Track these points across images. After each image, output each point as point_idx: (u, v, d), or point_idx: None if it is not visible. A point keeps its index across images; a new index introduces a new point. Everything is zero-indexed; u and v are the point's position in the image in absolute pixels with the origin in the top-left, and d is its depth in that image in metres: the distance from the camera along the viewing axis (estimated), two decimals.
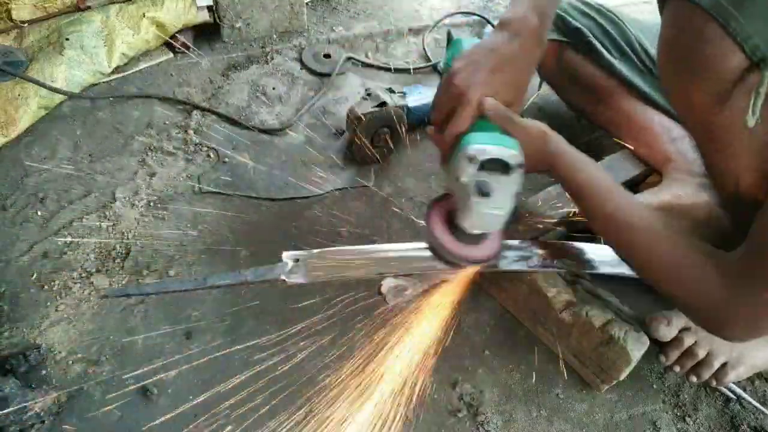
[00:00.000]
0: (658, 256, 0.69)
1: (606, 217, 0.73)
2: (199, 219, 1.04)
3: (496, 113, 0.73)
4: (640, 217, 0.71)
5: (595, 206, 0.74)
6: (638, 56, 1.05)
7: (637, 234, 0.71)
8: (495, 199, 0.66)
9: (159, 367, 0.84)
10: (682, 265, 0.67)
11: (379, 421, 0.77)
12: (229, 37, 1.42)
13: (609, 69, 1.05)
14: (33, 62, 1.18)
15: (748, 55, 0.60)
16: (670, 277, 0.69)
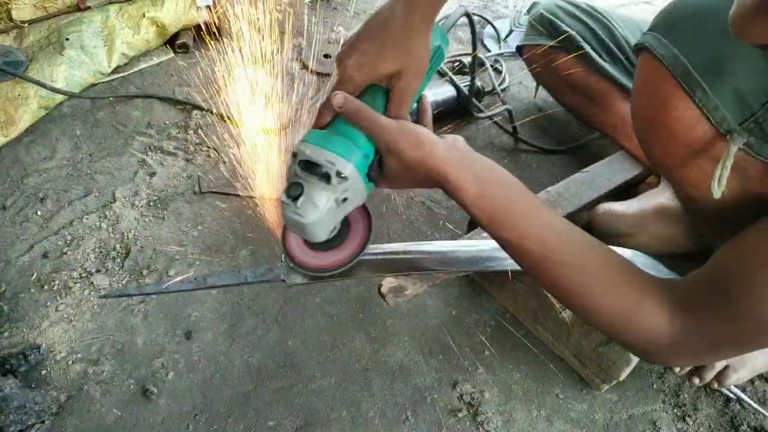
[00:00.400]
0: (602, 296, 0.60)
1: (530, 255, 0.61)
2: (199, 219, 1.04)
3: (346, 110, 0.60)
4: (573, 253, 0.60)
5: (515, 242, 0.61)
6: (627, 57, 1.04)
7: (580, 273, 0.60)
8: (303, 205, 0.59)
9: (159, 367, 0.84)
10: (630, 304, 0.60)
11: None
12: (228, 36, 1.42)
13: (599, 71, 1.05)
14: (33, 62, 1.18)
15: (714, 126, 0.60)
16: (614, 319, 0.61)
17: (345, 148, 0.60)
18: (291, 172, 0.61)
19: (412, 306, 0.94)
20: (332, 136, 0.61)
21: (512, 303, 0.93)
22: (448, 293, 0.96)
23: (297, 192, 0.59)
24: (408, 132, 0.60)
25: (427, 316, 0.93)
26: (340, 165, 0.59)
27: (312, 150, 0.60)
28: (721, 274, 0.58)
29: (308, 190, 0.60)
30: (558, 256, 0.60)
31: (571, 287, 0.61)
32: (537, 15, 1.14)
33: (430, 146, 0.60)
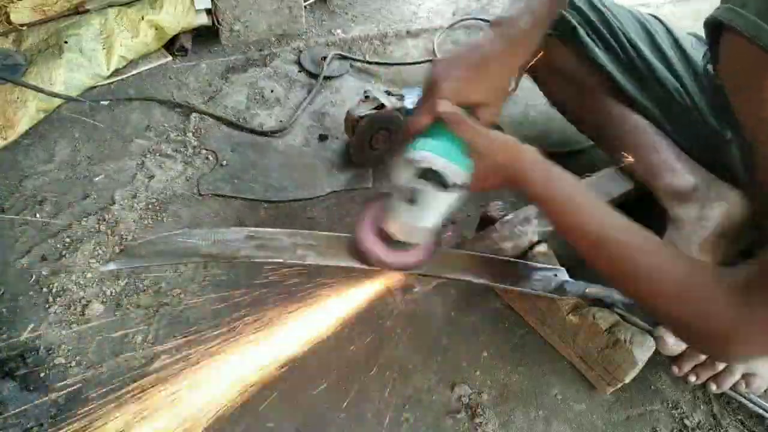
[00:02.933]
0: (655, 280, 0.63)
1: (593, 240, 0.67)
2: (198, 221, 1.04)
3: (451, 119, 0.68)
4: (632, 240, 0.65)
5: (576, 228, 0.67)
6: (624, 50, 1.00)
7: (632, 257, 0.65)
8: (421, 210, 0.63)
9: (157, 368, 0.84)
10: (684, 287, 0.62)
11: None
12: (227, 40, 1.43)
13: (593, 61, 1.00)
14: (32, 65, 1.18)
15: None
16: (671, 301, 0.63)
17: (459, 158, 0.65)
18: (405, 177, 0.64)
19: (411, 307, 0.94)
20: (443, 144, 0.66)
21: (519, 303, 0.94)
22: (447, 294, 0.97)
23: (417, 198, 0.63)
24: (499, 139, 0.70)
25: (425, 317, 0.93)
26: (459, 174, 0.64)
27: (432, 159, 0.63)
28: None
29: (425, 195, 0.63)
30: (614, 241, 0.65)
31: (626, 274, 0.65)
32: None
33: (517, 151, 0.69)
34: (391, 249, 0.71)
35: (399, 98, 1.16)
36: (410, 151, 0.65)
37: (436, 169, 0.63)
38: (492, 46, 0.72)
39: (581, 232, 0.67)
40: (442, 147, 0.65)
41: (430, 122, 0.70)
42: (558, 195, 0.68)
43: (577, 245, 0.70)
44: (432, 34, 1.55)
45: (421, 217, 0.63)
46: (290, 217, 1.07)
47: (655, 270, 0.63)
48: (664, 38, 1.01)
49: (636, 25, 1.02)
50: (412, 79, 1.41)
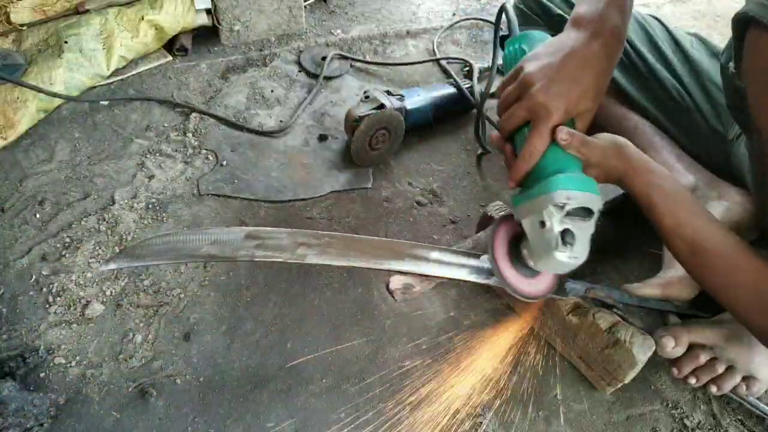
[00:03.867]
0: (738, 284, 0.64)
1: (682, 239, 0.67)
2: (198, 221, 1.04)
3: (574, 143, 0.67)
4: (719, 242, 0.65)
5: (672, 229, 0.68)
6: (624, 51, 0.99)
7: (716, 260, 0.65)
8: (576, 247, 0.64)
9: (157, 369, 0.84)
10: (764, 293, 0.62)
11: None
12: (227, 40, 1.43)
13: None
14: (32, 65, 1.19)
15: None
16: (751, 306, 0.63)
17: (592, 184, 0.66)
18: (554, 222, 0.64)
19: (411, 307, 0.94)
20: (577, 176, 0.66)
21: (519, 303, 0.93)
22: (447, 294, 0.97)
23: (572, 240, 0.63)
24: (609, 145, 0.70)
25: (425, 317, 0.93)
26: (599, 202, 0.65)
27: (579, 196, 0.63)
28: None
29: (578, 233, 0.64)
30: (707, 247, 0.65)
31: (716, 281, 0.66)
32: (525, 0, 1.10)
33: (627, 153, 0.69)
34: (524, 277, 0.73)
35: (399, 98, 1.16)
36: (554, 193, 0.63)
37: (583, 206, 0.64)
38: (588, 49, 0.68)
39: (677, 236, 0.67)
40: (579, 180, 0.65)
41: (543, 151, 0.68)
42: (656, 197, 0.68)
43: (672, 248, 0.69)
44: (432, 34, 1.55)
45: (579, 254, 0.64)
46: (290, 217, 1.07)
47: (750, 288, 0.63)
48: (663, 38, 1.01)
49: (635, 25, 1.02)
50: (412, 79, 1.42)
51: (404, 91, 1.21)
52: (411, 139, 1.22)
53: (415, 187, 1.15)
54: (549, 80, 0.66)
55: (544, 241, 0.65)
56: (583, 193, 0.64)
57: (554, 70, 0.67)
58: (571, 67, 0.67)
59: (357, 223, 1.07)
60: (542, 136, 0.67)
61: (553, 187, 0.64)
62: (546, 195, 0.64)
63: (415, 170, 1.19)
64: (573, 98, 0.67)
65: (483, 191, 1.15)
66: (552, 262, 0.66)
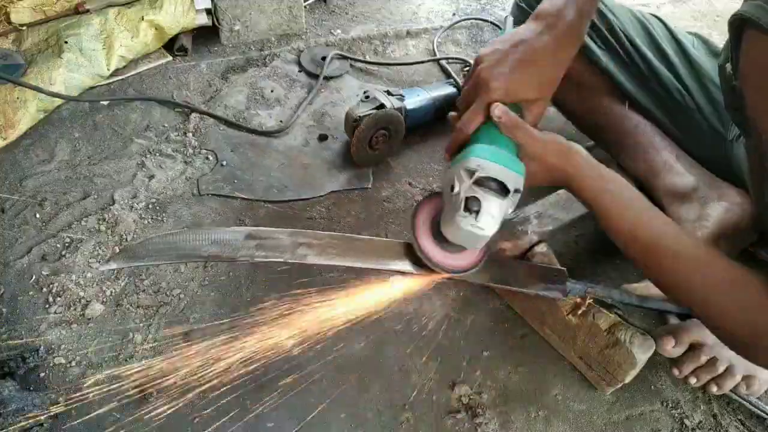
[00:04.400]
0: (708, 293, 0.63)
1: (640, 242, 0.67)
2: (198, 221, 1.04)
3: (508, 123, 0.68)
4: (677, 242, 0.66)
5: (627, 232, 0.68)
6: (624, 49, 0.99)
7: (684, 268, 0.65)
8: (481, 218, 0.63)
9: (157, 369, 0.84)
10: (738, 300, 0.61)
11: None
12: (227, 40, 1.43)
13: (593, 61, 0.99)
14: (32, 65, 1.18)
15: None
16: (711, 306, 0.63)
17: (515, 163, 0.66)
18: (463, 187, 0.64)
19: (412, 307, 0.94)
20: (500, 150, 0.66)
21: (519, 304, 0.94)
22: (447, 295, 0.97)
23: (477, 207, 0.63)
24: (552, 141, 0.70)
25: (425, 317, 0.93)
26: (518, 181, 0.64)
27: (491, 167, 0.64)
28: None
29: (485, 204, 0.63)
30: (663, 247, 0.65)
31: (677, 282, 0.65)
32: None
33: (570, 154, 0.69)
34: (446, 251, 0.71)
35: (399, 98, 1.16)
36: (467, 159, 0.64)
37: (495, 177, 0.63)
38: (540, 40, 0.70)
39: (632, 239, 0.67)
40: (498, 153, 0.65)
41: (480, 124, 0.70)
42: (608, 201, 0.68)
43: (627, 252, 0.69)
44: (432, 34, 1.55)
45: (484, 226, 0.63)
46: (290, 217, 1.07)
47: (708, 283, 0.63)
48: (665, 38, 1.00)
49: (636, 24, 1.01)
50: (412, 79, 1.42)
51: (404, 91, 1.21)
52: (411, 139, 1.22)
53: (415, 187, 1.15)
54: (495, 61, 0.69)
55: (452, 205, 0.65)
56: (499, 166, 0.64)
57: (502, 54, 0.70)
58: (519, 54, 0.69)
59: (357, 223, 1.07)
60: (476, 111, 0.69)
61: (470, 153, 0.65)
62: (461, 160, 0.65)
63: (415, 170, 1.19)
64: (514, 82, 0.68)
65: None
66: (454, 229, 0.65)
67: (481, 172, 0.63)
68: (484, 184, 0.64)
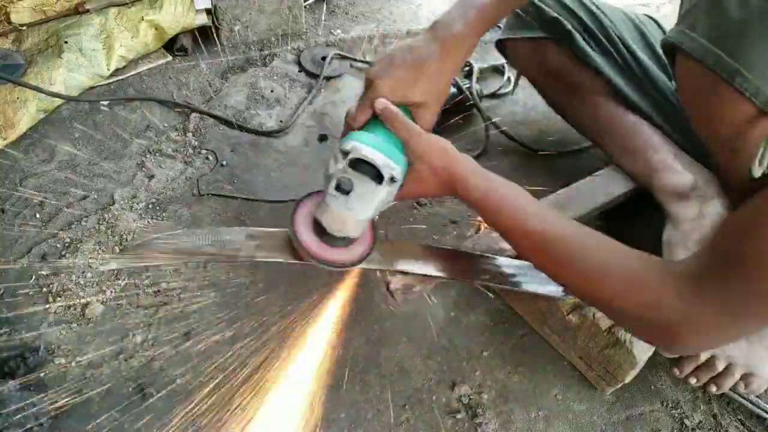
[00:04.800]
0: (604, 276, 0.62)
1: (532, 236, 0.67)
2: (198, 221, 1.04)
3: (387, 114, 0.71)
4: (573, 233, 0.66)
5: (518, 227, 0.68)
6: (618, 52, 1.00)
7: (578, 255, 0.64)
8: (353, 200, 0.62)
9: (158, 369, 0.84)
10: (634, 280, 0.61)
11: None
12: (227, 40, 1.43)
13: (589, 64, 1.00)
14: (32, 65, 1.18)
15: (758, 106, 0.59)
16: (621, 295, 0.61)
17: (396, 154, 0.66)
18: (337, 168, 0.64)
19: (411, 307, 0.94)
20: (380, 139, 0.67)
21: (519, 304, 0.94)
22: (447, 295, 0.97)
23: (348, 187, 0.63)
24: (435, 141, 0.71)
25: (425, 317, 0.93)
26: (395, 170, 0.64)
27: (368, 151, 0.64)
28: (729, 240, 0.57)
29: (359, 187, 0.63)
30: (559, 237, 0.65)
31: (573, 267, 0.65)
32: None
33: (454, 155, 0.71)
34: (328, 245, 0.70)
35: None
36: (345, 141, 0.66)
37: (368, 160, 0.64)
38: (427, 48, 0.75)
39: (523, 234, 0.67)
40: (376, 141, 0.66)
41: (367, 119, 0.73)
42: (497, 199, 0.69)
43: (520, 248, 0.70)
44: None
45: (354, 208, 0.63)
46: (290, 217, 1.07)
47: (602, 266, 0.63)
48: (658, 38, 1.01)
49: (629, 25, 1.03)
50: None
51: None
52: None
53: None
54: (384, 63, 0.74)
55: (327, 190, 0.65)
56: (376, 151, 0.64)
57: (391, 59, 0.74)
58: (406, 58, 0.74)
59: None
60: (364, 105, 0.73)
61: (349, 136, 0.67)
62: (339, 144, 0.67)
63: None
64: (400, 83, 0.73)
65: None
66: (324, 209, 0.65)
67: (356, 153, 0.64)
68: (359, 168, 0.64)
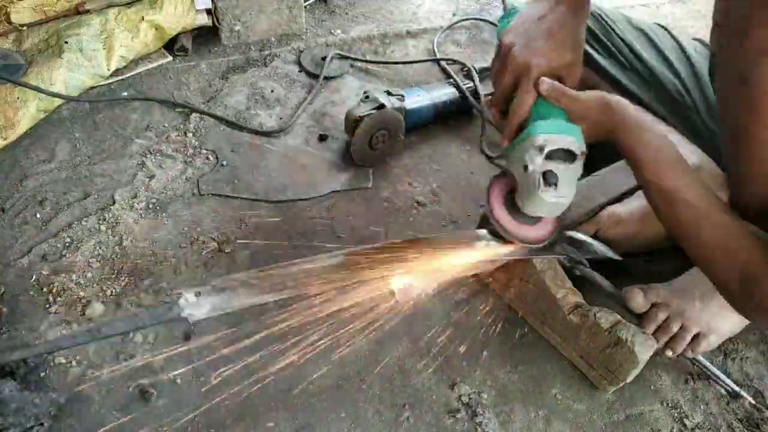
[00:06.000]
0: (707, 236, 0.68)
1: (666, 196, 0.70)
2: (198, 221, 1.04)
3: (554, 93, 0.73)
4: (704, 206, 0.69)
5: (652, 180, 0.71)
6: (623, 54, 1.06)
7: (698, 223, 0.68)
8: (560, 188, 0.68)
9: (157, 369, 0.84)
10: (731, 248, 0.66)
11: None
12: (227, 40, 1.43)
13: (596, 68, 1.07)
14: (32, 65, 1.19)
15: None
16: (716, 257, 0.67)
17: (572, 128, 0.71)
18: (537, 164, 0.69)
19: (411, 308, 0.94)
20: (556, 120, 0.71)
21: (520, 304, 0.94)
22: (447, 295, 0.97)
23: (555, 180, 0.68)
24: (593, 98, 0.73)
25: (425, 317, 0.93)
26: (580, 145, 0.70)
27: (558, 139, 0.69)
28: None
29: (561, 174, 0.68)
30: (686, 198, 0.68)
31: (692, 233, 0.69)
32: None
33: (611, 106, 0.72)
34: (524, 225, 0.77)
35: (399, 98, 1.16)
36: (535, 137, 0.69)
37: (563, 147, 0.68)
38: (554, 13, 0.76)
39: (657, 187, 0.70)
40: (556, 125, 0.71)
41: (533, 103, 0.75)
42: (643, 148, 0.71)
43: (652, 200, 0.73)
44: (432, 34, 1.55)
45: (564, 194, 0.69)
46: (290, 217, 1.07)
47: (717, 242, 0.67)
48: (665, 41, 1.06)
49: (634, 31, 1.06)
50: (412, 79, 1.42)
51: (404, 91, 1.21)
52: (411, 139, 1.22)
53: (415, 187, 1.15)
54: (525, 41, 0.75)
55: (528, 183, 0.70)
56: (562, 136, 0.69)
57: (528, 34, 0.75)
58: (544, 28, 0.75)
59: (357, 223, 1.07)
60: (527, 91, 0.74)
61: (533, 131, 0.70)
62: (527, 140, 0.71)
63: (415, 170, 1.19)
64: (551, 52, 0.74)
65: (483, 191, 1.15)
66: (538, 203, 0.70)
67: (550, 145, 0.68)
68: (554, 157, 0.69)
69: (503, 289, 0.96)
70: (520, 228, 0.77)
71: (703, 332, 0.85)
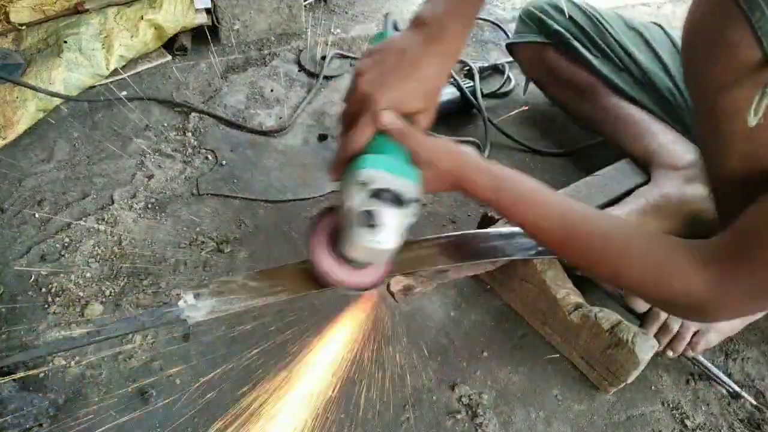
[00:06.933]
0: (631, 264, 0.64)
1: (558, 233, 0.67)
2: (198, 221, 1.04)
3: (396, 130, 0.65)
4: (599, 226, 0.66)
5: (537, 224, 0.68)
6: (617, 55, 1.07)
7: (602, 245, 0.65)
8: (381, 232, 0.60)
9: (157, 370, 0.84)
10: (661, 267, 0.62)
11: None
12: (227, 39, 1.43)
13: (588, 67, 1.08)
14: (31, 65, 1.18)
15: (764, 52, 0.56)
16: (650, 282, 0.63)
17: (409, 170, 0.64)
18: (358, 200, 0.60)
19: (411, 308, 0.94)
20: (391, 159, 0.63)
21: (520, 304, 0.93)
22: (447, 295, 0.96)
23: (374, 221, 0.59)
24: (441, 146, 0.69)
25: (425, 318, 0.93)
26: (414, 189, 0.62)
27: (387, 178, 0.61)
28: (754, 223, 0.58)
29: (383, 217, 0.60)
30: (581, 227, 0.65)
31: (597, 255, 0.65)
32: (526, 11, 1.17)
33: (461, 157, 0.68)
34: (349, 268, 0.68)
35: None
36: (359, 172, 0.61)
37: (390, 188, 0.60)
38: (420, 50, 0.66)
39: (545, 228, 0.67)
40: (389, 162, 0.63)
41: (370, 137, 0.66)
42: (511, 196, 0.68)
43: (544, 242, 0.70)
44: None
45: (383, 239, 0.60)
46: (289, 217, 1.07)
47: (627, 254, 0.64)
48: (660, 41, 1.08)
49: (628, 32, 1.08)
50: None
51: None
52: None
53: None
54: (378, 73, 0.65)
55: (348, 221, 0.61)
56: (392, 175, 0.61)
57: (384, 65, 0.66)
58: (402, 66, 0.65)
59: None
60: (365, 124, 0.65)
61: (359, 165, 0.62)
62: (351, 175, 0.62)
63: None
64: (400, 93, 0.65)
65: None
66: (354, 246, 0.62)
67: (374, 184, 0.60)
68: (379, 196, 0.60)
69: (503, 289, 0.96)
70: (342, 270, 0.67)
71: (701, 331, 0.85)
